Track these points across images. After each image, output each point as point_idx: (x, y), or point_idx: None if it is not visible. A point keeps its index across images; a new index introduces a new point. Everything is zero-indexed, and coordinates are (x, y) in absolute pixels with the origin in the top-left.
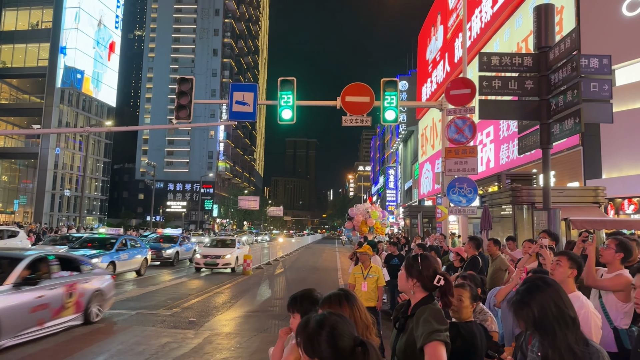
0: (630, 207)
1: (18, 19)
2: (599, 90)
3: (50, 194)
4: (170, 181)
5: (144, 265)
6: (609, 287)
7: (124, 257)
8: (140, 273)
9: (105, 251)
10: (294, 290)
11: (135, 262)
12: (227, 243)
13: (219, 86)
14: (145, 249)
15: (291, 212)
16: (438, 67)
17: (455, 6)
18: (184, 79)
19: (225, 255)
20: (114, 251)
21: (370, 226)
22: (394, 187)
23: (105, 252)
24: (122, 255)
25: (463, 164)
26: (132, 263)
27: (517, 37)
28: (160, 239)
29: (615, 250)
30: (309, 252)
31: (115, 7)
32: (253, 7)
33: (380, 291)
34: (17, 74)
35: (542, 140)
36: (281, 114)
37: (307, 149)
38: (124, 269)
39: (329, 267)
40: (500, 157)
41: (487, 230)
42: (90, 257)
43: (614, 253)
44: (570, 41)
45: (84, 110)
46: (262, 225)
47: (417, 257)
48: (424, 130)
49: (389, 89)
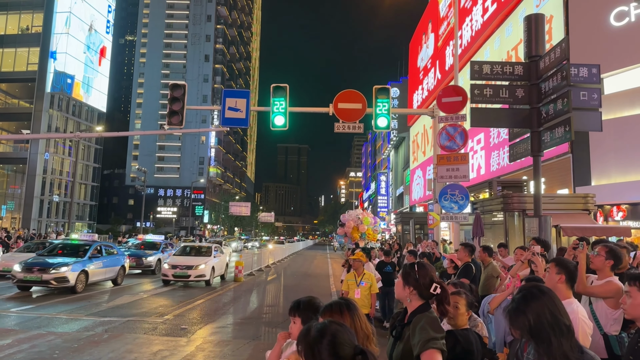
0: (619, 214)
1: (8, 23)
2: (588, 99)
3: (38, 200)
4: (160, 187)
5: (122, 274)
6: (599, 293)
7: (98, 265)
8: (118, 282)
9: (76, 259)
10: (286, 297)
11: (111, 270)
12: (202, 251)
13: (211, 92)
14: (123, 256)
15: (282, 218)
16: (429, 74)
17: (446, 14)
18: (176, 85)
19: (198, 265)
20: (86, 259)
21: (362, 232)
22: (386, 193)
23: (76, 260)
24: (95, 263)
25: (455, 171)
26: (108, 272)
27: (507, 45)
28: (141, 246)
29: (605, 257)
30: (300, 259)
31: (106, 12)
32: (245, 14)
33: (373, 298)
34: (6, 78)
35: (532, 148)
36: (274, 120)
37: (298, 154)
38: (98, 278)
39: (320, 274)
40: (491, 163)
41: (478, 237)
42: (57, 265)
43: (604, 260)
44: (560, 51)
45: (74, 115)
46: (254, 232)
47: (413, 265)
48: (415, 136)
49: (381, 96)
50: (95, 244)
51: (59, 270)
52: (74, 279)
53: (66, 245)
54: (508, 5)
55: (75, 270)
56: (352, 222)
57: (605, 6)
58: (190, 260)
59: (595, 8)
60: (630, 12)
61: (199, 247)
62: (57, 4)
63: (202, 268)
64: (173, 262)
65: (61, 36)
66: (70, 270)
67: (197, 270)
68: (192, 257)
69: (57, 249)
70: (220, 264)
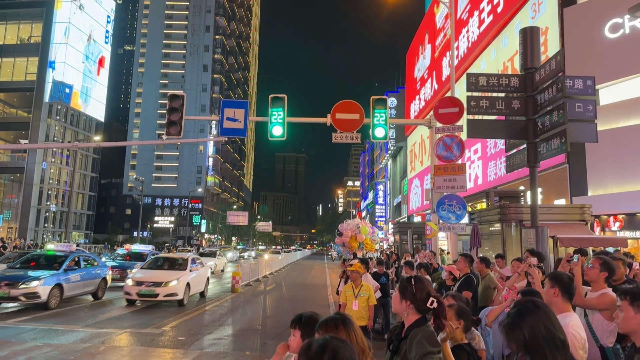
0: (616, 224)
1: (7, 33)
2: (583, 110)
3: (35, 209)
4: (158, 196)
5: (103, 287)
6: (595, 305)
7: (75, 278)
8: (98, 296)
9: (50, 271)
10: (284, 309)
11: (90, 283)
12: (176, 263)
13: (209, 101)
14: (105, 268)
15: (280, 227)
16: (426, 84)
17: (442, 26)
18: (174, 95)
19: (169, 281)
20: (61, 271)
21: (360, 242)
22: (383, 202)
23: (49, 273)
24: (72, 275)
25: (452, 182)
26: (87, 285)
27: (503, 56)
28: (127, 257)
29: (600, 269)
30: (298, 268)
31: (105, 23)
32: (243, 24)
33: (371, 310)
34: (4, 87)
35: (529, 159)
36: (272, 130)
37: (296, 164)
38: (75, 292)
39: (318, 284)
40: (488, 173)
41: (476, 248)
42: (27, 280)
43: (599, 272)
44: (555, 63)
45: (72, 124)
46: (251, 241)
47: (410, 280)
48: (412, 146)
49: (379, 107)
50: (72, 255)
51: (28, 285)
52: (46, 294)
53: (41, 256)
54: (504, 17)
55: (48, 284)
56: (350, 231)
57: (600, 18)
58: (159, 275)
59: (590, 20)
60: (624, 24)
61: (173, 259)
62: (57, 15)
63: (174, 285)
64: (138, 278)
65: (60, 46)
66: (41, 285)
67: (167, 288)
68: (162, 272)
69: (31, 261)
70: (199, 279)
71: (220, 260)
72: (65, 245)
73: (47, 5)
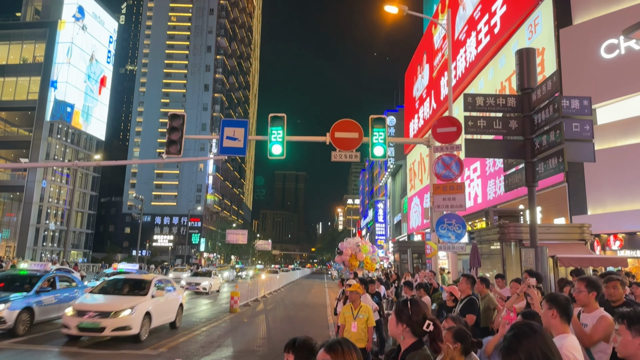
0: (616, 243)
1: (10, 53)
2: (580, 130)
3: (34, 228)
4: (157, 214)
5: None
6: (603, 337)
7: (49, 301)
8: None
9: (20, 294)
10: (283, 330)
11: (68, 306)
12: (136, 286)
13: (210, 120)
14: (83, 288)
15: (280, 245)
16: (425, 103)
17: (440, 46)
18: (175, 114)
19: (120, 311)
20: (32, 293)
21: (360, 261)
22: (383, 220)
23: (20, 295)
24: (45, 298)
25: (451, 200)
26: (63, 308)
27: (501, 76)
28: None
29: (588, 291)
30: (297, 288)
31: (107, 43)
32: (244, 45)
33: (370, 332)
34: (6, 107)
35: (527, 179)
36: (271, 149)
37: (296, 182)
38: (49, 316)
39: (317, 304)
40: (487, 192)
41: (476, 267)
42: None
43: (587, 294)
44: (551, 84)
45: (73, 143)
46: (250, 260)
47: (407, 302)
48: (412, 164)
49: (377, 125)
50: (46, 275)
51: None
52: (13, 319)
53: (11, 277)
54: (501, 38)
55: (16, 308)
56: (350, 249)
57: (596, 39)
58: (111, 302)
59: (586, 40)
60: (620, 45)
61: (133, 281)
62: (60, 35)
63: (126, 316)
64: (81, 306)
65: (62, 66)
66: (8, 309)
67: (116, 320)
68: (115, 298)
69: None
70: (166, 306)
71: (216, 280)
72: (40, 264)
73: (51, 26)
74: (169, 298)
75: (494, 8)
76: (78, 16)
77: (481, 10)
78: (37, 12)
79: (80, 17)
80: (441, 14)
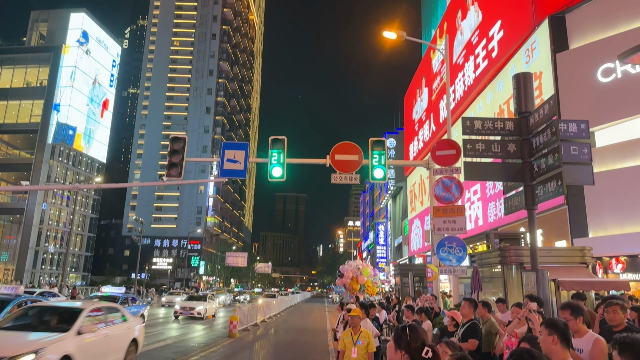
0: (618, 266)
1: (14, 77)
2: (579, 153)
3: (33, 251)
4: (157, 237)
5: None
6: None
7: None
8: None
9: None
10: (283, 355)
11: None
12: (62, 317)
13: (211, 142)
14: None
15: (280, 268)
16: (424, 126)
17: (439, 70)
18: (176, 137)
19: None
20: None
21: (362, 284)
22: (384, 243)
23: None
24: None
25: (451, 223)
26: None
27: (499, 99)
28: None
29: (575, 317)
30: (297, 312)
31: (110, 67)
32: (246, 68)
33: (370, 357)
34: (9, 129)
35: (527, 202)
36: (271, 171)
37: (296, 204)
38: None
39: (318, 328)
40: (488, 215)
41: (477, 291)
42: None
43: (575, 320)
44: (549, 107)
45: (74, 165)
46: (250, 283)
47: (405, 329)
48: (412, 186)
49: (377, 148)
50: (17, 299)
51: None
52: None
53: None
54: (499, 62)
55: None
56: (352, 272)
57: (592, 63)
58: (14, 342)
59: (583, 65)
60: (616, 69)
61: (55, 310)
62: (64, 59)
63: None
64: None
65: (65, 89)
66: None
67: None
68: (23, 335)
69: None
70: (105, 345)
71: (211, 304)
72: (11, 288)
73: (55, 51)
74: (113, 333)
75: (492, 33)
76: (82, 41)
77: (479, 35)
78: (42, 37)
79: (84, 41)
80: (439, 39)
